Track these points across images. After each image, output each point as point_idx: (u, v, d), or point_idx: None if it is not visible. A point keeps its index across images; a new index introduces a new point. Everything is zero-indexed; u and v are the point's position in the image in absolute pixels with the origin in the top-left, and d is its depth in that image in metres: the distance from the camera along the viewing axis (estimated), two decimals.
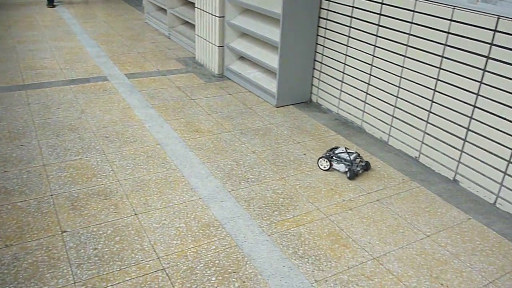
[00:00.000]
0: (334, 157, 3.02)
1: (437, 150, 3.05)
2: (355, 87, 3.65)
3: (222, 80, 4.62)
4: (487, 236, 2.48)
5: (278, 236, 2.38)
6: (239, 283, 2.06)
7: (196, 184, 2.79)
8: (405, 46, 3.14)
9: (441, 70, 2.91)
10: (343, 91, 3.78)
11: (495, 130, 2.66)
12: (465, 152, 2.87)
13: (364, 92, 3.56)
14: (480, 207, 2.74)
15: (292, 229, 2.44)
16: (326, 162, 3.01)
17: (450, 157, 2.97)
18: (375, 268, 2.19)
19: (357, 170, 2.96)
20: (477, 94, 2.72)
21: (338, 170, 3.01)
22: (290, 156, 3.19)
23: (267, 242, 2.32)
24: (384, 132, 3.46)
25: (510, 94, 2.54)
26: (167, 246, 2.26)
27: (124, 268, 2.11)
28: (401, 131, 3.30)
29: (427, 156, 3.13)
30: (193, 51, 5.32)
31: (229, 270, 2.13)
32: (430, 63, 2.98)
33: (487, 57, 2.63)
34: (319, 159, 3.04)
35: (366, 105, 3.57)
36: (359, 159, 3.04)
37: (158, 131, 3.44)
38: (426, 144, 3.12)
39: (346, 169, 2.96)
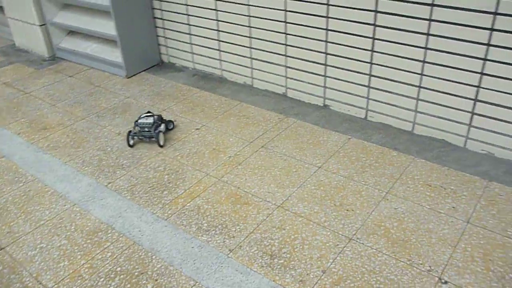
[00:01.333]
0: (159, 127, 2.76)
1: (302, 81, 3.05)
2: (205, 37, 3.44)
3: (56, 62, 4.04)
4: (369, 150, 2.58)
5: (175, 217, 2.17)
6: (151, 283, 1.83)
7: (64, 189, 2.41)
8: None
9: (287, 1, 2.84)
10: (194, 44, 3.55)
11: (352, 48, 2.71)
12: (328, 77, 2.90)
13: (216, 40, 3.38)
14: (355, 124, 2.83)
15: (188, 204, 2.25)
16: (162, 134, 2.74)
17: (316, 84, 2.99)
18: (283, 216, 2.14)
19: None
20: (327, 17, 2.72)
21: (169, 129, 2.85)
22: None
23: (167, 228, 2.11)
24: (246, 77, 3.36)
25: (359, 11, 2.58)
26: (55, 272, 1.91)
27: None
28: (263, 71, 3.22)
29: (294, 90, 3.13)
30: (11, 37, 4.54)
31: (136, 273, 1.88)
32: None
33: None
34: (158, 142, 2.70)
35: (221, 53, 3.40)
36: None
37: None
38: (291, 78, 3.10)
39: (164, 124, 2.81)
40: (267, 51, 3.12)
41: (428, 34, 2.39)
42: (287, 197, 2.25)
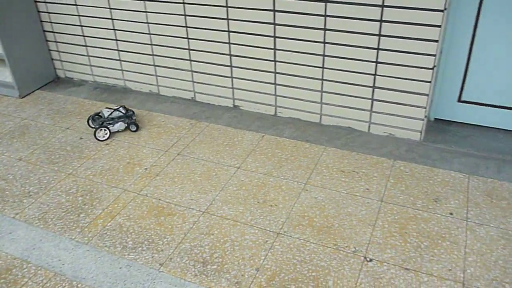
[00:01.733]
0: (107, 122, 2.81)
1: (210, 85, 3.05)
2: (103, 48, 3.30)
3: None
4: (283, 145, 2.66)
5: (97, 239, 2.06)
6: None
7: None
8: None
9: (185, 6, 2.82)
10: (91, 56, 3.39)
11: (256, 48, 2.77)
12: (235, 78, 2.93)
13: (115, 50, 3.25)
14: (266, 122, 2.90)
15: (109, 224, 2.15)
16: (105, 131, 2.78)
17: (224, 86, 3.01)
18: (209, 221, 2.13)
19: (135, 118, 2.88)
20: (227, 19, 2.74)
21: (118, 131, 2.83)
22: (66, 146, 2.76)
23: (89, 252, 1.99)
24: (151, 85, 3.28)
25: (258, 11, 2.64)
26: None
27: None
28: (169, 77, 3.17)
29: (203, 93, 3.12)
30: None
31: None
32: (170, 0, 2.85)
33: None
34: (95, 132, 2.78)
35: (123, 62, 3.29)
36: (129, 111, 2.89)
37: None
38: (198, 82, 3.09)
39: (126, 124, 2.84)
40: (170, 57, 3.08)
41: (325, 29, 2.51)
42: (211, 202, 2.25)
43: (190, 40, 2.94)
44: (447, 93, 2.68)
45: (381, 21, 2.36)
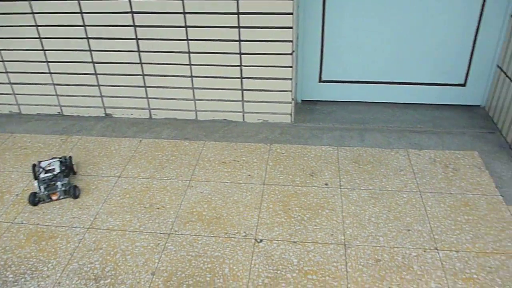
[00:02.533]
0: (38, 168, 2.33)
1: (77, 96, 2.90)
2: None
3: None
4: (163, 146, 2.64)
5: None
6: None
7: None
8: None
9: (35, 16, 2.65)
10: None
11: (119, 52, 2.70)
12: (103, 85, 2.83)
13: None
14: (142, 126, 2.85)
15: None
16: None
17: (92, 96, 2.89)
18: (96, 236, 2.04)
19: (42, 194, 2.23)
20: (84, 26, 2.63)
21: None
22: None
23: None
24: (10, 104, 3.02)
25: (116, 14, 2.57)
26: None
27: None
28: (29, 94, 2.95)
29: (70, 106, 2.96)
30: None
31: None
32: (20, 11, 2.65)
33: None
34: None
35: None
36: (61, 181, 2.26)
37: None
38: (63, 95, 2.92)
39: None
40: (27, 73, 2.86)
41: (186, 26, 2.54)
42: (94, 216, 2.16)
43: (46, 51, 2.76)
44: (309, 75, 2.88)
45: (238, 13, 2.45)
